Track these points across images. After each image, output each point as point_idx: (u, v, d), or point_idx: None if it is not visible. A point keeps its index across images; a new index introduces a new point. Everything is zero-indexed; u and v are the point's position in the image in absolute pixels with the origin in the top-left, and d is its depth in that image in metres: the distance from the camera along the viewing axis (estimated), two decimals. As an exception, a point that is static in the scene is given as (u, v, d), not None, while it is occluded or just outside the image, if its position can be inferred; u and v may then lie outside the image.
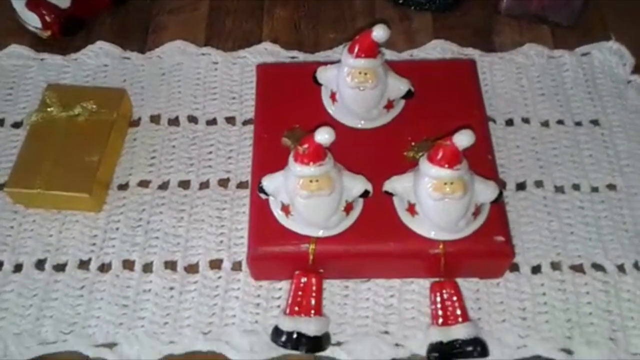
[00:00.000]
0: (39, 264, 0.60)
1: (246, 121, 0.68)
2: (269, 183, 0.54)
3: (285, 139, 0.59)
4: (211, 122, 0.68)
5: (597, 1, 0.76)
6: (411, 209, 0.54)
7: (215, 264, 0.60)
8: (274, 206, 0.55)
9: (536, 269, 0.59)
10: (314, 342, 0.53)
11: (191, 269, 0.60)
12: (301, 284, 0.55)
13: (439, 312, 0.55)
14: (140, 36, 0.75)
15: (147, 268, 0.59)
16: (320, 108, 0.61)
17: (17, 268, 0.60)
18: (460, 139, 0.49)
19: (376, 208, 0.55)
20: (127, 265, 0.60)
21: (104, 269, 0.60)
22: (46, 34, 0.73)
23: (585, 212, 0.62)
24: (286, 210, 0.54)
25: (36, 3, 0.71)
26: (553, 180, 0.64)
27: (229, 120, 0.68)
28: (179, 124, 0.68)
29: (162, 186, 0.64)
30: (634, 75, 0.71)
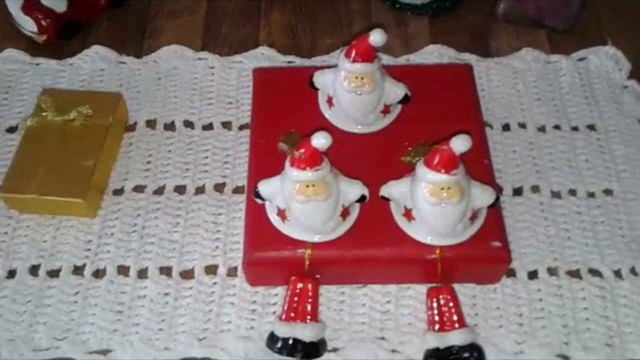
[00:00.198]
0: (33, 270, 0.59)
1: (242, 126, 0.68)
2: (265, 188, 0.53)
3: (282, 144, 0.58)
4: (207, 127, 0.68)
5: (594, 6, 0.76)
6: (408, 214, 0.54)
7: (211, 270, 0.59)
8: (270, 211, 0.55)
9: (533, 275, 0.59)
10: (310, 348, 0.53)
11: (186, 274, 0.59)
12: (297, 290, 0.54)
13: (436, 318, 0.54)
14: (136, 40, 0.75)
15: (142, 274, 0.59)
16: (316, 113, 0.61)
17: (11, 274, 0.59)
18: (457, 144, 0.48)
19: (373, 213, 0.55)
20: (122, 271, 0.59)
21: (99, 274, 0.59)
22: (42, 38, 0.72)
23: (582, 218, 0.62)
24: (282, 215, 0.54)
25: (32, 7, 0.71)
26: (550, 186, 0.64)
27: (225, 125, 0.68)
28: (175, 129, 0.68)
29: (158, 191, 0.64)
30: (630, 81, 0.71)
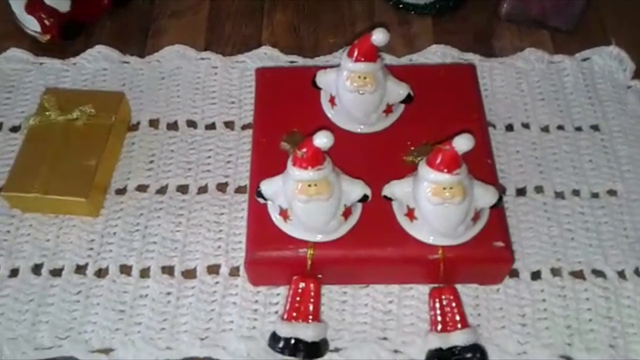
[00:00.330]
0: (36, 269, 0.59)
1: (245, 125, 0.68)
2: (267, 187, 0.53)
3: (284, 143, 0.58)
4: (210, 127, 0.68)
5: (597, 6, 0.76)
6: (410, 214, 0.54)
7: (213, 269, 0.59)
8: (272, 211, 0.55)
9: (536, 275, 0.59)
10: (312, 348, 0.53)
11: (189, 274, 0.59)
12: (299, 290, 0.54)
13: (438, 318, 0.54)
14: (139, 40, 0.75)
15: (144, 273, 0.59)
16: (319, 112, 0.61)
17: (14, 273, 0.59)
18: (460, 143, 0.48)
19: (375, 213, 0.55)
20: (124, 270, 0.59)
21: (101, 274, 0.59)
22: (45, 37, 0.73)
23: (586, 218, 0.62)
24: (284, 214, 0.54)
25: (35, 7, 0.71)
26: (553, 186, 0.64)
27: (228, 124, 0.68)
28: (178, 129, 0.68)
29: (160, 191, 0.64)
30: (634, 81, 0.70)
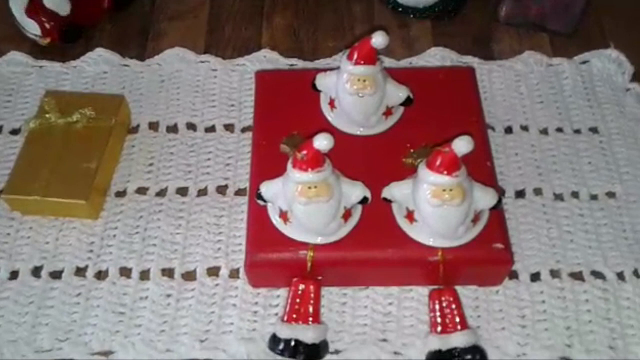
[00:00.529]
0: (36, 272, 0.59)
1: (245, 128, 0.68)
2: (267, 189, 0.53)
3: (284, 146, 0.59)
4: (210, 130, 0.68)
5: (596, 10, 0.76)
6: (410, 216, 0.54)
7: (213, 272, 0.59)
8: (272, 213, 0.55)
9: (536, 277, 0.59)
10: (312, 350, 0.53)
11: (189, 276, 0.59)
12: (299, 292, 0.54)
13: (438, 320, 0.54)
14: (139, 43, 0.75)
15: (145, 276, 0.59)
16: (319, 115, 0.61)
17: (14, 275, 0.59)
18: (459, 146, 0.48)
19: (375, 215, 0.55)
20: (124, 272, 0.59)
21: (101, 276, 0.59)
22: (46, 41, 0.73)
23: (585, 220, 0.62)
24: (284, 217, 0.54)
25: (36, 10, 0.71)
26: (552, 188, 0.64)
27: (228, 127, 0.68)
28: (178, 132, 0.68)
29: (160, 193, 0.64)
30: (633, 84, 0.71)
